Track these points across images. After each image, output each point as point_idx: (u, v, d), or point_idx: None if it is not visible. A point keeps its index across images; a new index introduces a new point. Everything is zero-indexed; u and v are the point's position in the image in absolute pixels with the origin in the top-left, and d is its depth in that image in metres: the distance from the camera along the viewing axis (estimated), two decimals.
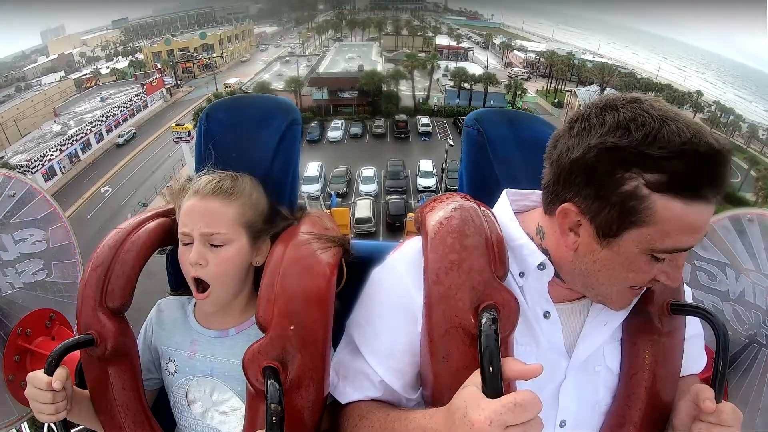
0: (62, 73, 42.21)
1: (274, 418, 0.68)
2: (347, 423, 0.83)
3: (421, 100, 38.07)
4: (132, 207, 24.76)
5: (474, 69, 40.64)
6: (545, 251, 0.77)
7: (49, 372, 0.81)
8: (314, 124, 34.04)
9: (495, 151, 1.03)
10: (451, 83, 39.53)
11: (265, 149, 1.04)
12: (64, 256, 1.44)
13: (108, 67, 47.00)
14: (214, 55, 48.56)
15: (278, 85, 37.01)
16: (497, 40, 53.79)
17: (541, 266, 0.76)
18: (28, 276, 1.38)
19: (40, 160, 28.07)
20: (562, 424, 0.79)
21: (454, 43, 50.94)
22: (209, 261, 0.90)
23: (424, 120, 34.84)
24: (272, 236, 0.97)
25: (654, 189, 0.61)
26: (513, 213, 0.82)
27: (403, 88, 38.32)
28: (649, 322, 0.81)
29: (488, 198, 0.88)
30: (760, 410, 1.13)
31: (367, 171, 26.76)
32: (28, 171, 26.61)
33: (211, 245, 0.90)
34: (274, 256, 0.88)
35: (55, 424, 0.85)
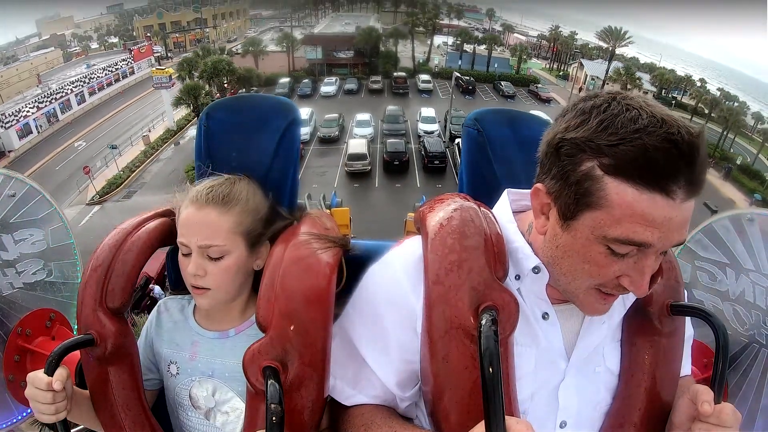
0: (52, 49, 40.13)
1: (274, 418, 0.68)
2: (351, 429, 0.83)
3: (420, 62, 36.29)
4: (103, 156, 23.69)
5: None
6: (529, 244, 0.77)
7: (49, 372, 0.81)
8: (306, 80, 32.05)
9: (495, 151, 1.03)
10: (453, 46, 37.84)
11: (265, 149, 1.04)
12: (64, 256, 1.44)
13: (98, 43, 45.26)
14: (207, 29, 46.83)
15: (271, 46, 34.98)
16: (497, 26, 53.02)
17: (536, 270, 0.76)
18: (28, 276, 1.37)
19: (15, 116, 25.57)
20: (563, 425, 0.79)
21: (455, 22, 49.96)
22: (208, 271, 0.90)
23: (425, 77, 32.66)
24: (272, 237, 0.97)
25: (607, 171, 0.62)
26: (512, 214, 0.82)
27: (402, 50, 36.46)
28: (648, 323, 0.81)
29: (488, 198, 0.88)
30: (760, 410, 1.13)
31: (363, 116, 24.10)
32: (1, 126, 24.84)
33: (209, 257, 0.90)
34: (274, 256, 0.88)
35: (55, 424, 0.85)
